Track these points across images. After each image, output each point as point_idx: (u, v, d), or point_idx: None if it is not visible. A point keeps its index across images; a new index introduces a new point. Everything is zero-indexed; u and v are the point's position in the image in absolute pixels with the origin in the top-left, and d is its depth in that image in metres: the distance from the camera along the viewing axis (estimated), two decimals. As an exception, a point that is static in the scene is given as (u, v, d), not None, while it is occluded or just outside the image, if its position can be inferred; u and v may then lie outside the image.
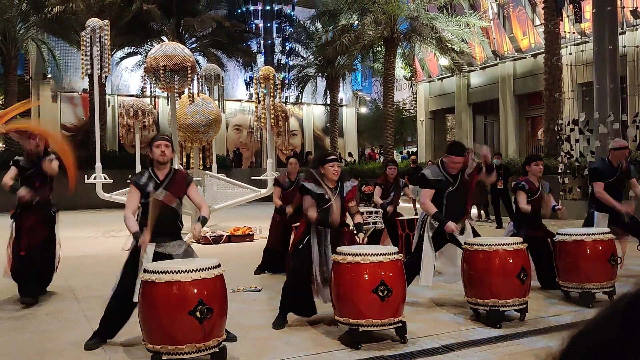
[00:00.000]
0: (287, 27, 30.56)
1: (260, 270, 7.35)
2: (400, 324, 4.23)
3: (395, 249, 4.50)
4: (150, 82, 11.80)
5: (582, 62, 15.03)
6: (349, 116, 33.48)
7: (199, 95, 12.53)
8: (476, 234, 5.34)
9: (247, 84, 29.47)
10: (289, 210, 6.86)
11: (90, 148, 21.39)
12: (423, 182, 5.25)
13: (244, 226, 11.17)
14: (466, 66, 23.56)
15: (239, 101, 30.28)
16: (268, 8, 30.51)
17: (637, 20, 17.26)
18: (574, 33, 17.40)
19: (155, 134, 4.74)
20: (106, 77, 12.09)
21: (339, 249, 4.40)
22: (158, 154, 4.31)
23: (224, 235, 10.59)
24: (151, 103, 13.31)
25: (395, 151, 25.96)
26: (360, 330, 4.14)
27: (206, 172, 13.37)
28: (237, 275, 6.71)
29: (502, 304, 4.64)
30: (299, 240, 4.84)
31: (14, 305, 5.66)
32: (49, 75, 26.33)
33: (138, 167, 12.36)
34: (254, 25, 30.14)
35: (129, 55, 25.62)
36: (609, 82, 11.33)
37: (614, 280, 5.35)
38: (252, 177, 15.01)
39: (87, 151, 21.68)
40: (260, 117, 12.65)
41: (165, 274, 3.65)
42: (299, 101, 29.54)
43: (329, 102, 28.37)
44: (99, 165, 11.24)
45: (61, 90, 26.96)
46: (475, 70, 24.20)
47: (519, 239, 4.94)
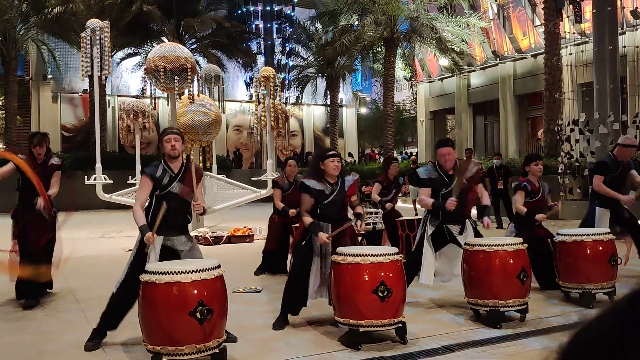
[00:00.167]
0: (287, 28, 30.58)
1: (260, 271, 7.34)
2: (401, 325, 4.22)
3: (395, 249, 4.49)
4: (150, 83, 11.81)
5: (582, 63, 15.04)
6: (349, 117, 33.48)
7: (199, 96, 12.52)
8: (478, 234, 5.34)
9: (247, 84, 29.49)
10: (291, 212, 6.84)
11: (90, 149, 21.45)
12: (416, 181, 5.42)
13: (244, 227, 11.16)
14: (466, 66, 23.57)
15: (239, 102, 30.29)
16: (268, 9, 30.54)
17: (637, 21, 17.28)
18: (574, 33, 17.41)
19: (165, 128, 4.72)
20: (106, 77, 12.09)
21: (339, 249, 4.40)
22: (169, 148, 4.31)
23: (224, 236, 10.58)
24: (151, 104, 13.32)
25: (396, 151, 25.96)
26: (360, 330, 4.14)
27: (206, 172, 13.32)
28: (237, 276, 6.71)
29: (503, 305, 4.64)
30: (301, 237, 4.83)
31: (14, 306, 5.65)
32: (49, 76, 26.35)
33: (138, 168, 12.35)
34: (254, 26, 30.16)
35: (129, 56, 25.64)
36: (609, 82, 11.32)
37: (614, 280, 5.35)
38: (252, 178, 15.02)
39: (87, 152, 21.75)
40: (260, 118, 12.66)
41: (165, 274, 3.65)
42: (299, 102, 29.54)
43: (329, 102, 28.38)
44: (99, 166, 11.24)
45: (61, 91, 26.97)
46: (475, 71, 24.21)
47: (519, 240, 4.93)
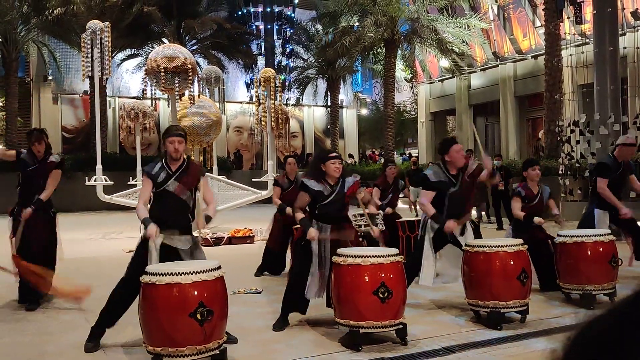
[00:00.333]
0: (288, 29, 30.59)
1: (260, 272, 7.35)
2: (401, 326, 4.22)
3: (395, 250, 4.48)
4: (150, 84, 11.81)
5: (583, 64, 15.03)
6: (349, 118, 33.48)
7: (199, 97, 12.52)
8: (478, 235, 5.33)
9: (248, 85, 29.49)
10: (288, 211, 6.86)
11: (90, 150, 21.45)
12: (425, 183, 5.23)
13: (245, 228, 11.16)
14: (467, 68, 23.58)
15: (240, 103, 30.28)
16: (268, 10, 30.55)
17: (638, 22, 17.28)
18: (574, 34, 17.40)
19: (170, 127, 4.69)
20: (107, 79, 12.10)
21: (340, 250, 4.39)
22: (172, 149, 4.31)
23: (224, 237, 10.59)
24: (152, 105, 13.33)
25: (396, 152, 25.96)
26: (360, 332, 4.14)
27: (207, 174, 13.36)
28: (238, 277, 6.70)
29: (503, 306, 4.64)
30: (301, 237, 4.83)
31: (14, 307, 5.65)
32: (50, 77, 26.37)
33: (139, 169, 12.36)
34: (254, 27, 30.17)
35: (129, 57, 25.65)
36: (609, 83, 11.31)
37: (614, 281, 5.34)
38: (252, 179, 15.02)
39: (87, 153, 21.75)
40: (260, 119, 12.65)
41: (166, 276, 3.65)
42: (300, 103, 29.54)
43: (329, 103, 28.39)
44: (99, 167, 11.24)
45: (62, 92, 26.98)
46: (475, 72, 24.21)
47: (520, 241, 4.92)
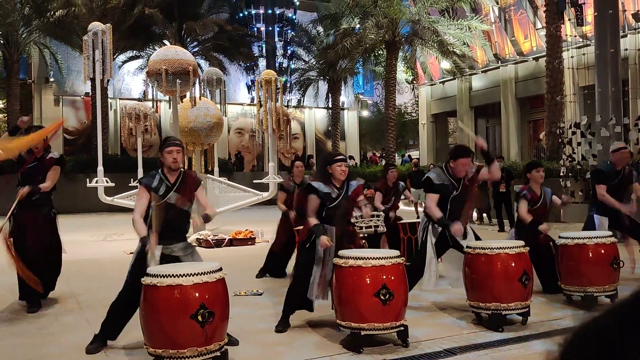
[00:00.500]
0: (289, 31, 30.61)
1: (262, 274, 7.35)
2: (402, 328, 4.22)
3: (397, 252, 4.47)
4: (152, 86, 11.81)
5: (584, 65, 15.02)
6: (350, 119, 33.49)
7: (200, 99, 12.53)
8: (477, 237, 5.33)
9: (249, 87, 29.52)
10: (292, 215, 6.92)
11: (92, 152, 21.48)
12: (429, 186, 5.19)
13: (246, 230, 11.17)
14: (468, 69, 23.58)
15: (241, 105, 30.31)
16: (270, 12, 30.57)
17: (639, 24, 17.26)
18: (575, 36, 17.41)
19: (166, 138, 4.64)
20: (108, 80, 12.10)
21: (341, 252, 4.39)
22: (170, 160, 4.26)
23: (225, 239, 10.59)
24: (153, 107, 13.34)
25: (397, 154, 25.96)
26: (362, 334, 4.13)
27: (208, 175, 13.38)
28: (239, 279, 6.71)
29: (504, 308, 4.63)
30: (306, 238, 4.82)
31: (15, 309, 5.65)
32: (51, 79, 26.40)
33: (140, 171, 12.36)
34: (255, 29, 30.20)
35: (131, 59, 25.68)
36: (610, 85, 11.29)
37: (616, 283, 5.34)
38: (253, 181, 15.00)
39: (89, 155, 21.78)
40: (262, 121, 12.64)
41: (167, 277, 3.65)
42: (301, 104, 29.54)
43: (330, 105, 28.40)
44: (100, 168, 11.25)
45: (63, 94, 27.01)
46: (476, 74, 24.21)
47: (521, 243, 4.91)
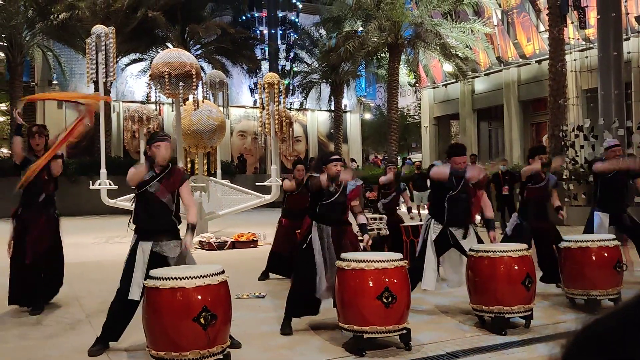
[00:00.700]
0: (292, 34, 30.66)
1: (264, 277, 7.34)
2: (405, 331, 4.21)
3: (399, 255, 4.47)
4: (155, 89, 11.82)
5: (587, 68, 15.02)
6: (353, 122, 33.50)
7: (203, 102, 12.54)
8: (480, 241, 5.33)
9: (252, 90, 29.56)
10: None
11: (95, 154, 21.52)
12: (431, 167, 5.76)
13: (248, 232, 11.16)
14: (470, 72, 23.57)
15: (244, 107, 30.34)
16: (272, 15, 30.63)
17: (642, 27, 17.25)
18: (578, 39, 17.39)
19: (154, 132, 4.65)
20: (111, 83, 12.13)
21: (343, 255, 4.39)
22: (158, 154, 4.30)
23: (228, 242, 10.58)
24: (156, 109, 13.34)
25: (399, 157, 25.95)
26: (364, 337, 4.12)
27: (210, 178, 13.37)
28: (241, 282, 6.70)
29: (507, 311, 4.62)
30: (302, 239, 4.84)
31: (18, 312, 5.65)
32: (55, 82, 26.45)
33: (142, 173, 12.36)
34: (258, 32, 30.26)
35: (134, 61, 25.75)
36: (613, 88, 11.31)
37: (619, 287, 5.32)
38: (256, 183, 14.99)
39: (91, 157, 21.81)
40: (264, 123, 12.64)
41: (169, 280, 3.65)
42: (303, 107, 29.59)
43: (333, 108, 28.42)
44: (103, 171, 11.26)
45: (66, 97, 27.08)
46: (479, 77, 24.21)
47: (524, 246, 4.91)
